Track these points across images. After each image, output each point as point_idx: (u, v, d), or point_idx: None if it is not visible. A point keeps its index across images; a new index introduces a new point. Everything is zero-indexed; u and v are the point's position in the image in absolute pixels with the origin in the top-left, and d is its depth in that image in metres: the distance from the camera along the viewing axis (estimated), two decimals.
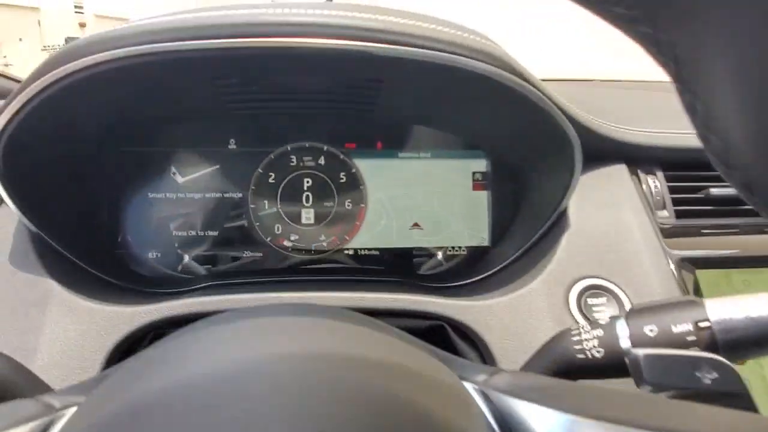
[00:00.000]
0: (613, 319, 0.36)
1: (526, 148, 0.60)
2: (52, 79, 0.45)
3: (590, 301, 0.50)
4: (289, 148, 0.66)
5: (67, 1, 10.56)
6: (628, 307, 0.50)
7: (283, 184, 0.65)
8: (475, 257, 0.67)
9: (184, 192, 0.64)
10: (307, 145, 0.66)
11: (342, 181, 0.66)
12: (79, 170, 0.59)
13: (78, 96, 0.48)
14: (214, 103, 0.59)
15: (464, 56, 0.44)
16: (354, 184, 0.66)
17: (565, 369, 0.36)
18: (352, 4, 0.46)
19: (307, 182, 0.66)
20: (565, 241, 0.54)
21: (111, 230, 0.63)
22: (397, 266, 0.67)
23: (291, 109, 0.63)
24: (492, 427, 0.22)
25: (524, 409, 0.22)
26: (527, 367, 0.39)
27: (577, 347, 0.36)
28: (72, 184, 0.58)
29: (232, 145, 0.65)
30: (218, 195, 0.65)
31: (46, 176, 0.54)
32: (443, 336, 0.52)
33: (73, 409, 0.23)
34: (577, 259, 0.53)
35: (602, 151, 0.59)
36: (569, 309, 0.50)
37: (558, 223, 0.56)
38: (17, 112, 0.45)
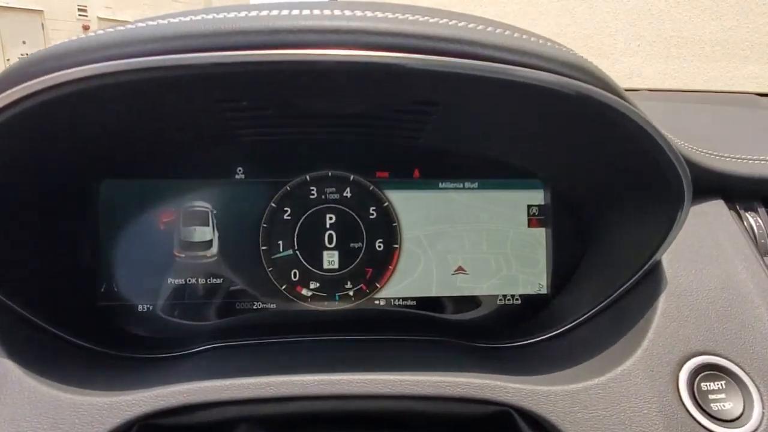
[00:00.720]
0: None
1: (605, 181, 0.48)
2: (8, 100, 0.34)
3: (705, 386, 0.39)
4: (308, 178, 0.54)
5: (71, 4, 10.52)
6: (755, 396, 0.39)
7: (301, 222, 0.54)
8: (532, 309, 0.55)
9: (183, 231, 0.53)
10: (330, 174, 0.55)
11: (372, 217, 0.55)
12: (52, 208, 0.48)
13: (47, 118, 0.37)
14: (217, 126, 0.48)
15: (561, 74, 0.33)
16: (386, 220, 0.55)
17: None
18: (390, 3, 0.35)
19: (330, 219, 0.54)
20: (664, 302, 0.43)
21: (91, 280, 0.51)
22: (437, 320, 0.55)
23: (312, 134, 0.52)
24: None
25: None
26: None
27: None
28: (42, 226, 0.47)
29: (240, 175, 0.54)
30: (223, 235, 0.53)
31: (7, 218, 0.42)
32: (510, 425, 0.41)
33: None
34: (683, 327, 0.42)
35: (695, 183, 0.48)
36: (680, 398, 0.38)
37: (649, 277, 0.45)
38: None
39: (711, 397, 0.38)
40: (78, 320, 0.47)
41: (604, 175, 0.48)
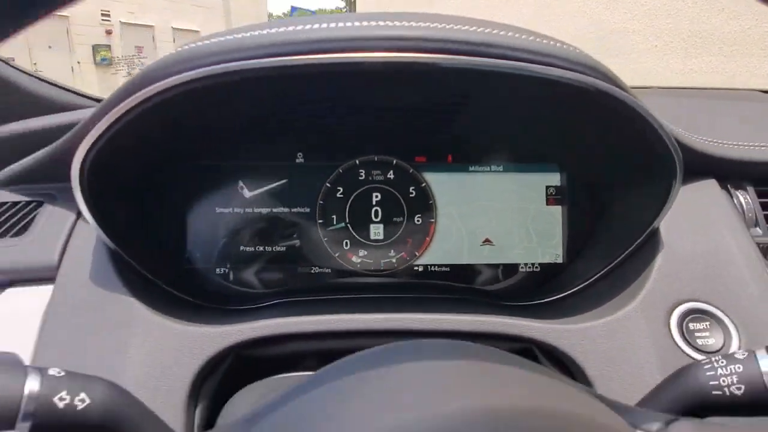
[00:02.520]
0: (752, 353, 0.33)
1: (612, 164, 0.57)
2: (140, 99, 0.44)
3: (692, 326, 0.48)
4: (357, 162, 0.64)
5: (95, 9, 10.76)
6: (733, 333, 0.47)
7: (351, 199, 0.63)
8: (549, 275, 0.64)
9: (252, 206, 0.63)
10: (376, 158, 0.64)
11: (412, 195, 0.64)
12: (153, 186, 0.58)
13: (161, 114, 0.46)
14: (284, 117, 0.58)
15: (572, 70, 0.42)
16: (424, 198, 0.64)
17: (697, 406, 0.34)
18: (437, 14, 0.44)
19: (376, 197, 0.64)
20: (660, 262, 0.52)
21: (178, 246, 0.61)
22: (467, 283, 0.64)
23: (363, 123, 0.61)
24: None
25: None
26: (647, 402, 0.36)
27: (713, 383, 0.33)
28: (146, 200, 0.57)
29: (300, 159, 0.63)
30: (286, 210, 0.63)
31: (123, 192, 0.53)
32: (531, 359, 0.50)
33: None
34: (675, 281, 0.50)
35: (691, 165, 0.57)
36: (671, 335, 0.47)
37: (648, 243, 0.54)
38: (104, 133, 0.44)
39: (697, 334, 0.47)
40: (174, 279, 0.56)
41: (611, 158, 0.56)
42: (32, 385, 0.27)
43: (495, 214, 0.65)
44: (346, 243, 0.63)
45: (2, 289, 0.49)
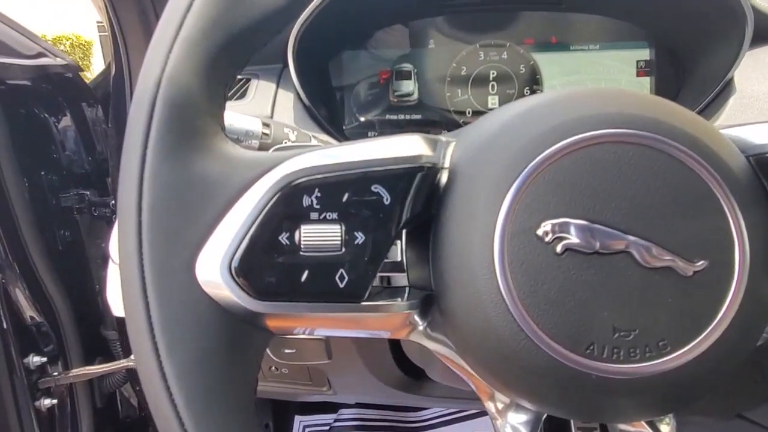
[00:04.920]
0: None
1: (691, 29, 0.69)
2: None
3: None
4: (477, 46, 0.79)
5: None
6: None
7: (473, 76, 0.79)
8: None
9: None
10: (492, 42, 0.79)
11: (522, 72, 0.79)
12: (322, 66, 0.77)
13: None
14: (426, 7, 0.74)
15: None
16: (532, 74, 0.79)
17: None
18: None
19: (493, 73, 0.79)
20: (731, 107, 0.64)
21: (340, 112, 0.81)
22: None
23: (482, 13, 0.77)
24: None
25: None
26: None
27: None
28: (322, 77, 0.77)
29: (431, 45, 0.80)
30: (421, 86, 0.80)
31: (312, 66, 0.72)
32: None
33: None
34: (744, 117, 0.63)
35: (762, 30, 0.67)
36: None
37: (723, 91, 0.66)
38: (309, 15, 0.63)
39: None
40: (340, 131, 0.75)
41: (694, 25, 0.68)
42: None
43: (592, 85, 0.78)
44: (468, 111, 0.80)
45: None
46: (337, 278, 0.31)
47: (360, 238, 0.31)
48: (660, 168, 0.30)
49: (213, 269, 0.30)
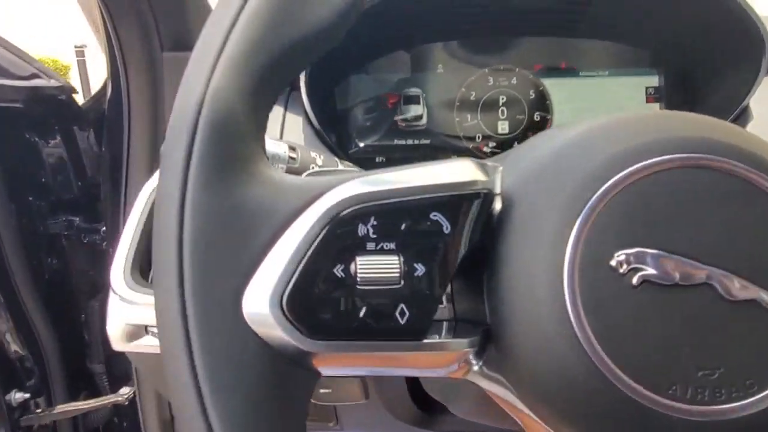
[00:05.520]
0: None
1: (705, 56, 0.69)
2: None
3: None
4: (486, 71, 0.79)
5: None
6: None
7: (482, 101, 0.79)
8: None
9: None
10: (501, 67, 0.79)
11: (531, 97, 0.78)
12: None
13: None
14: (435, 32, 0.73)
15: None
16: (541, 99, 0.78)
17: None
18: None
19: (503, 99, 0.79)
20: (750, 131, 0.64)
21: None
22: None
23: (491, 39, 0.76)
24: None
25: None
26: None
27: None
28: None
29: (440, 70, 0.79)
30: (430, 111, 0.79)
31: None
32: None
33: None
34: None
35: None
36: None
37: (740, 119, 0.66)
38: None
39: None
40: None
41: (710, 50, 0.69)
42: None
43: (601, 111, 0.78)
44: (479, 136, 0.79)
45: None
46: (397, 314, 0.28)
47: (420, 270, 0.29)
48: (739, 194, 0.28)
49: (261, 305, 0.27)
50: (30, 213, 0.92)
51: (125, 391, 0.96)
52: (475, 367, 0.33)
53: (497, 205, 0.32)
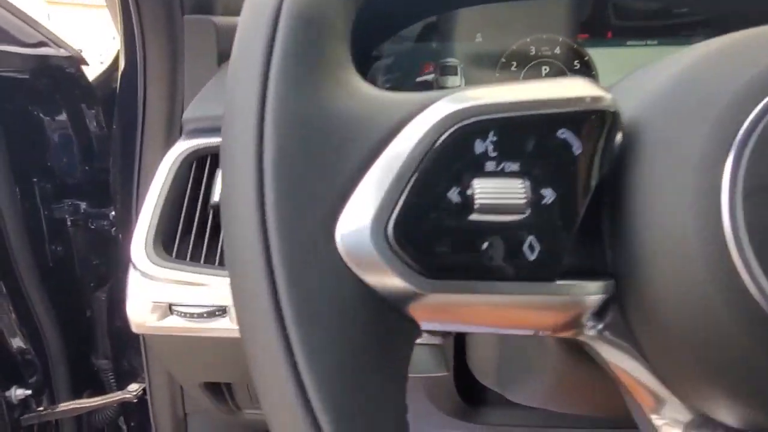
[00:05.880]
0: None
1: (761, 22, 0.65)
2: None
3: None
4: (528, 40, 0.74)
5: None
6: None
7: (524, 71, 0.74)
8: None
9: None
10: (544, 36, 0.74)
11: (576, 68, 0.74)
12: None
13: None
14: None
15: None
16: (587, 70, 0.74)
17: None
18: None
19: (545, 69, 0.74)
20: None
21: None
22: None
23: (532, 6, 0.71)
24: None
25: None
26: None
27: None
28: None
29: (479, 39, 0.74)
30: (468, 82, 0.74)
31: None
32: None
33: None
34: None
35: None
36: None
37: None
38: None
39: None
40: None
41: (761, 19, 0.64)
42: None
43: None
44: None
45: None
46: (526, 248, 0.23)
47: (549, 196, 0.24)
48: None
49: (361, 236, 0.22)
50: (33, 196, 0.86)
51: (134, 387, 0.90)
52: (591, 331, 0.27)
53: (618, 135, 0.27)
